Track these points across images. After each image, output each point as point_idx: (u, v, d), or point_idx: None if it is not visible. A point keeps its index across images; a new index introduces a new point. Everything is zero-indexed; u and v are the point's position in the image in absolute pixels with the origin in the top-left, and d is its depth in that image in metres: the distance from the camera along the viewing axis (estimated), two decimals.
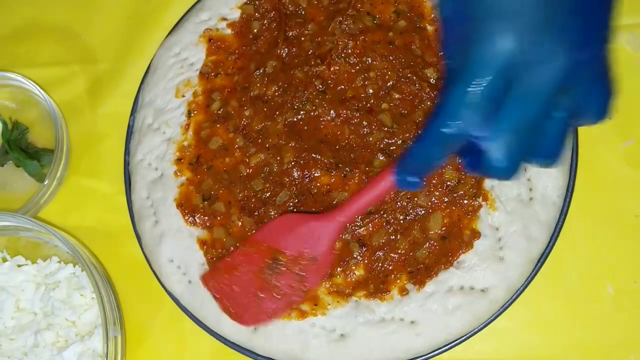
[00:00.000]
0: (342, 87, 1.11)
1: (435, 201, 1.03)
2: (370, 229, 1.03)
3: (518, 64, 0.68)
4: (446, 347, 1.01)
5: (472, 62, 0.69)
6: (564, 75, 0.68)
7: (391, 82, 1.09)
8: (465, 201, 1.03)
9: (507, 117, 0.70)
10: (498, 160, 0.71)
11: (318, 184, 1.06)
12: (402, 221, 1.03)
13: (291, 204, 1.06)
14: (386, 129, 1.07)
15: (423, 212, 1.03)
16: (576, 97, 0.70)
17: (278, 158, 1.08)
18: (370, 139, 1.07)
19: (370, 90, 1.10)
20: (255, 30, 1.18)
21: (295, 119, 1.10)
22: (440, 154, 0.77)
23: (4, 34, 1.35)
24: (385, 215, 1.03)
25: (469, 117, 0.70)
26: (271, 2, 1.18)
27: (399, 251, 1.02)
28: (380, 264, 1.02)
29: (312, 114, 1.10)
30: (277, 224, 1.02)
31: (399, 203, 1.03)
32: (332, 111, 1.09)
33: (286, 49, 1.14)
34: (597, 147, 1.09)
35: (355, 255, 1.02)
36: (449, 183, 1.03)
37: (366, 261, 1.02)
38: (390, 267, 1.02)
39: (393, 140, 1.07)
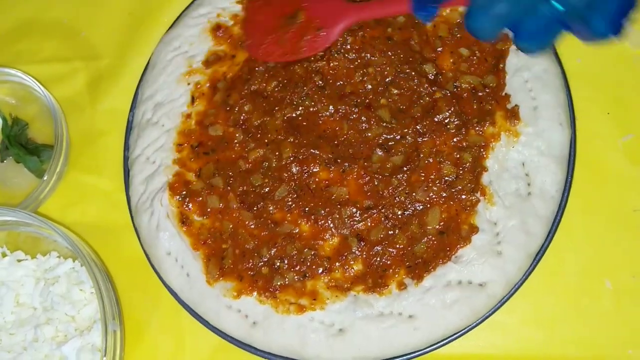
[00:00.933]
0: (341, 82, 1.11)
1: (433, 196, 1.03)
2: (369, 224, 1.03)
3: None
4: (444, 342, 1.02)
5: None
6: None
7: (390, 78, 1.10)
8: (464, 196, 1.03)
9: None
10: (483, 15, 0.76)
11: (317, 179, 1.07)
12: (400, 216, 1.03)
13: (290, 199, 1.07)
14: (385, 124, 1.07)
15: (421, 207, 1.03)
16: None
17: (277, 153, 1.08)
18: (369, 134, 1.08)
19: (369, 86, 1.10)
20: None
21: (294, 115, 1.11)
22: None
23: (5, 30, 1.36)
24: (383, 211, 1.03)
25: None
26: None
27: (397, 246, 1.02)
28: (378, 259, 1.02)
29: (311, 109, 1.10)
30: None
31: (397, 198, 1.04)
32: (331, 107, 1.10)
33: None
34: (595, 141, 1.10)
35: (353, 250, 1.03)
36: (447, 178, 1.03)
37: (364, 256, 1.03)
38: (389, 262, 1.02)
39: (391, 136, 1.07)
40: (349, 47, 1.11)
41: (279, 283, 1.03)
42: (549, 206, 1.03)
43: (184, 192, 1.10)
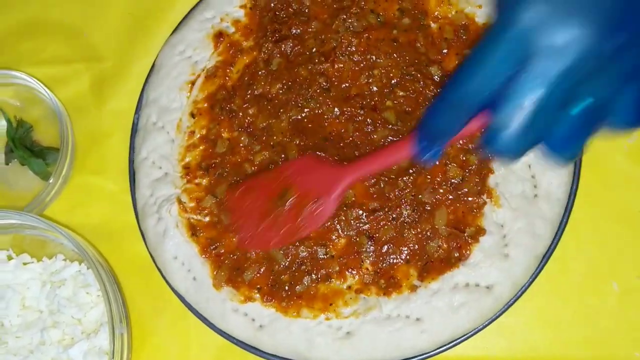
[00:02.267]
0: (346, 84, 1.11)
1: (440, 198, 1.03)
2: (376, 225, 1.03)
3: (536, 32, 0.63)
4: (451, 344, 1.02)
5: (499, 20, 0.67)
6: (582, 59, 0.62)
7: (395, 80, 1.09)
8: (470, 198, 1.03)
9: (517, 91, 0.66)
10: (503, 135, 0.67)
11: None
12: (407, 217, 1.03)
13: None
14: (390, 126, 1.07)
15: (428, 207, 1.03)
16: (601, 91, 0.64)
17: (282, 156, 1.08)
18: (375, 136, 1.07)
19: (374, 88, 1.10)
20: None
21: (299, 117, 1.10)
22: (456, 120, 0.73)
23: (8, 32, 1.35)
24: (390, 213, 1.03)
25: (486, 83, 0.68)
26: None
27: (409, 245, 1.02)
28: (389, 257, 1.02)
29: (316, 111, 1.10)
30: (300, 162, 1.04)
31: (403, 200, 1.03)
32: (336, 109, 1.09)
33: (290, 45, 1.14)
34: (601, 143, 1.08)
35: (364, 249, 1.03)
36: (453, 180, 1.03)
37: (374, 256, 1.03)
38: (400, 262, 1.02)
39: (397, 138, 1.07)
40: (354, 49, 1.11)
41: (297, 289, 1.03)
42: (555, 208, 1.03)
43: (199, 229, 1.10)
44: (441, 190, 1.03)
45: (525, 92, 0.66)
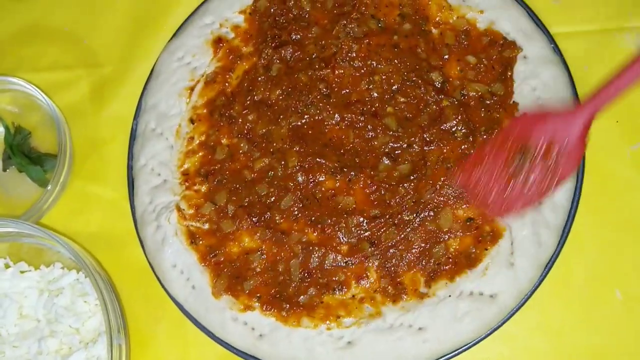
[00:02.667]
0: (347, 90, 1.10)
1: (443, 199, 1.02)
2: (377, 232, 1.02)
3: None
4: (453, 354, 1.00)
5: None
6: None
7: (396, 86, 1.09)
8: None
9: None
10: None
11: (323, 189, 1.06)
12: (410, 221, 1.02)
13: (296, 208, 1.06)
14: (391, 132, 1.06)
15: (432, 208, 1.02)
16: None
17: (282, 162, 1.08)
18: (375, 142, 1.07)
19: (375, 94, 1.09)
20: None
21: (299, 123, 1.10)
22: None
23: (7, 38, 1.34)
24: (390, 220, 1.02)
25: None
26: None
27: (414, 249, 1.01)
28: (394, 262, 1.01)
29: (317, 117, 1.09)
30: (522, 119, 1.00)
31: (404, 207, 1.02)
32: (336, 115, 1.09)
33: (290, 50, 1.13)
34: (604, 150, 1.08)
35: (368, 256, 1.02)
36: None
37: (377, 264, 1.02)
38: (405, 269, 1.01)
39: (398, 144, 1.06)
40: (354, 54, 1.10)
41: (301, 300, 1.02)
42: (559, 216, 1.02)
43: (198, 236, 1.09)
44: (443, 192, 1.02)
45: None
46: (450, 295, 0.99)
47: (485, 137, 1.04)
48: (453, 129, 1.05)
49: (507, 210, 0.97)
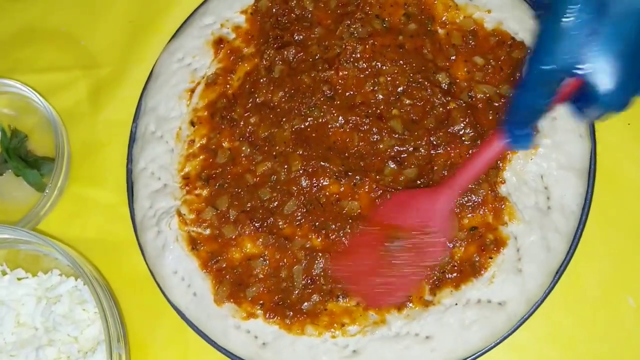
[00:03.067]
0: (351, 92, 1.08)
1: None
2: None
3: None
4: None
5: None
6: None
7: (402, 88, 1.06)
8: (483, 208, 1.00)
9: (605, 41, 0.65)
10: (605, 89, 0.67)
11: (327, 193, 1.04)
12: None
13: (299, 213, 1.04)
14: (397, 135, 1.04)
15: None
16: None
17: (285, 166, 1.05)
18: (381, 146, 1.04)
19: (380, 96, 1.07)
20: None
21: (302, 126, 1.07)
22: (544, 95, 0.73)
23: (2, 39, 1.32)
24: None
25: (566, 48, 0.67)
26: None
27: None
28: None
29: (320, 120, 1.07)
30: (391, 203, 0.99)
31: None
32: (340, 117, 1.06)
33: (293, 51, 1.11)
34: (616, 153, 1.06)
35: None
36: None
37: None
38: None
39: (404, 148, 1.04)
40: (358, 55, 1.08)
41: (304, 307, 1.00)
42: (569, 221, 1.00)
43: (199, 242, 1.07)
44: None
45: (617, 35, 0.65)
46: (456, 304, 0.97)
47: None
48: (460, 132, 1.03)
49: (384, 302, 0.97)
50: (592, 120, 0.97)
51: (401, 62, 1.07)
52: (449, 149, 1.02)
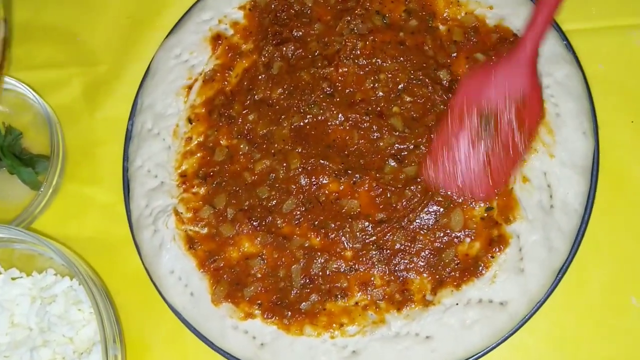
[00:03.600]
0: (351, 89, 1.07)
1: (453, 196, 0.98)
2: (383, 237, 0.99)
3: None
4: None
5: None
6: None
7: (402, 85, 1.05)
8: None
9: None
10: None
11: (326, 191, 1.03)
12: (417, 225, 0.99)
13: (298, 212, 1.02)
14: (397, 133, 1.03)
15: (442, 210, 0.98)
16: None
17: (284, 164, 1.04)
18: (381, 144, 1.03)
19: (381, 93, 1.06)
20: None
21: (301, 124, 1.06)
22: None
23: None
24: (397, 224, 0.99)
25: None
26: None
27: (422, 254, 0.98)
28: (399, 271, 0.98)
29: (320, 118, 1.06)
30: (465, 85, 0.95)
31: (412, 209, 0.99)
32: (340, 115, 1.05)
33: (292, 48, 1.10)
34: (619, 151, 1.05)
35: (373, 262, 0.98)
36: None
37: (383, 270, 0.98)
38: (412, 275, 0.98)
39: (405, 146, 1.02)
40: (358, 52, 1.07)
41: (302, 307, 0.99)
42: (572, 220, 0.98)
43: (197, 241, 1.06)
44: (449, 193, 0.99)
45: None
46: (457, 304, 0.96)
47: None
48: None
49: (496, 185, 0.93)
50: None
51: (402, 58, 1.06)
52: None
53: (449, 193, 0.96)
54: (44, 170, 1.18)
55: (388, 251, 0.99)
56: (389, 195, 1.01)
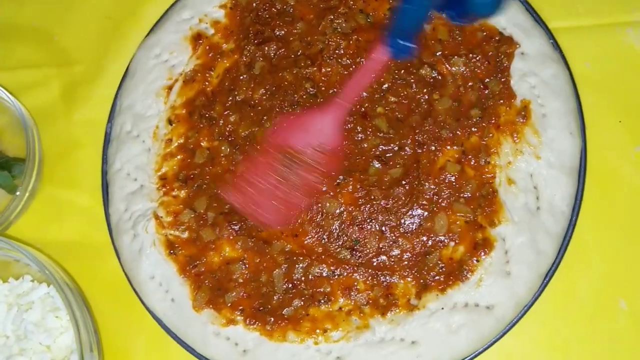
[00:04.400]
0: (335, 90, 1.05)
1: (438, 199, 0.98)
2: (366, 240, 0.98)
3: None
4: None
5: None
6: None
7: (386, 85, 1.04)
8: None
9: None
10: None
11: None
12: (402, 227, 0.97)
13: None
14: (382, 134, 1.01)
15: (426, 214, 0.97)
16: None
17: None
18: (365, 145, 1.02)
19: (364, 94, 1.04)
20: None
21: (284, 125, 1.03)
22: (426, 5, 0.81)
23: None
24: (381, 227, 0.98)
25: None
26: None
27: (405, 257, 0.97)
28: (384, 273, 0.96)
29: None
30: (279, 127, 1.00)
31: (397, 212, 0.98)
32: None
33: (274, 47, 1.08)
34: (606, 152, 1.04)
35: (355, 264, 0.97)
36: (451, 178, 0.99)
37: (367, 272, 0.97)
38: (395, 280, 0.96)
39: (389, 147, 1.01)
40: (342, 51, 1.06)
41: (285, 312, 0.97)
42: (559, 222, 0.97)
43: (177, 246, 1.04)
44: (443, 194, 0.98)
45: None
46: (443, 308, 0.95)
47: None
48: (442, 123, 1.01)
49: (290, 218, 0.98)
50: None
51: None
52: (433, 148, 1.00)
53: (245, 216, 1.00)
54: (20, 174, 1.15)
55: (371, 254, 0.97)
56: (373, 197, 0.99)
